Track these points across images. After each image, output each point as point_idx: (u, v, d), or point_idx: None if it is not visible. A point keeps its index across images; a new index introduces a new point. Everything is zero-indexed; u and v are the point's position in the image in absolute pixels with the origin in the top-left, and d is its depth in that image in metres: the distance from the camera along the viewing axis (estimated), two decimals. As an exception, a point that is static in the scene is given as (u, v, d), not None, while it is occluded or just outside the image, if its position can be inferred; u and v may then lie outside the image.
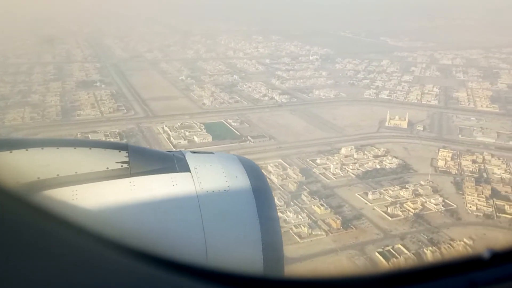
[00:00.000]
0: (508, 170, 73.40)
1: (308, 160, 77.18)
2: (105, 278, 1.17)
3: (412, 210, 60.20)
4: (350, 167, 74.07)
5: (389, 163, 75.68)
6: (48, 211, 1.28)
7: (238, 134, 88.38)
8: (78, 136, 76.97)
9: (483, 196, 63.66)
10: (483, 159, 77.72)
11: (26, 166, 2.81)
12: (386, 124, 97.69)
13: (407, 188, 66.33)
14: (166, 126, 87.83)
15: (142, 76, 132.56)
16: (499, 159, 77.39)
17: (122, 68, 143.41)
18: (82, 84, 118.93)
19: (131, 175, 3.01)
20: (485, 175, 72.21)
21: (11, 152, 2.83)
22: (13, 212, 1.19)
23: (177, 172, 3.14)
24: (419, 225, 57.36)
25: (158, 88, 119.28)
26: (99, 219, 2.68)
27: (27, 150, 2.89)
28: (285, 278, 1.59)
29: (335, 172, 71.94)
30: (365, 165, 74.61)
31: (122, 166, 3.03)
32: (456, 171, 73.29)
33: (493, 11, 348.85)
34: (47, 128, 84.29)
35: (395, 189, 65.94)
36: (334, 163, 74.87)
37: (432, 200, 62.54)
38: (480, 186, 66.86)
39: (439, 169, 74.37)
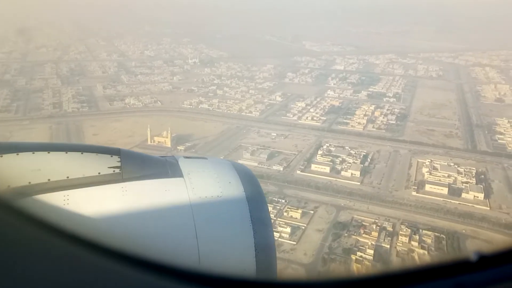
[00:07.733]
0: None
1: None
2: (98, 284, 1.13)
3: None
4: None
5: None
6: (38, 217, 1.23)
7: None
8: None
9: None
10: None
11: (17, 171, 2.75)
12: (149, 142, 79.77)
13: None
14: None
15: None
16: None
17: None
18: None
19: (123, 180, 2.95)
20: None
21: (1, 156, 2.76)
22: (2, 218, 1.15)
23: (170, 177, 3.09)
24: None
25: None
26: (91, 224, 2.64)
27: (17, 154, 2.82)
28: (278, 281, 1.57)
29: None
30: None
31: (114, 171, 2.98)
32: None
33: (456, 16, 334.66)
34: None
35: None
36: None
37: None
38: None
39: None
